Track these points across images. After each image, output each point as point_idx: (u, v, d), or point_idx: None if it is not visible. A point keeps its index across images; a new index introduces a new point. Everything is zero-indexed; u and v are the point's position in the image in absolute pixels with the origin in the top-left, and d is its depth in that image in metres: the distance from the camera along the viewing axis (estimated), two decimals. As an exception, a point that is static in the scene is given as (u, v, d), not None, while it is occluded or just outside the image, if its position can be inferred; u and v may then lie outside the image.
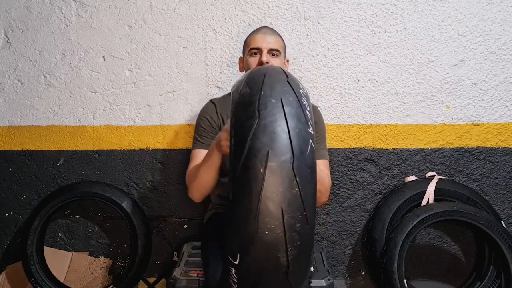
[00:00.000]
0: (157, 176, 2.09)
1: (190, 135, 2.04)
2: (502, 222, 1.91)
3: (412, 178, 2.02)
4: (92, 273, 2.10)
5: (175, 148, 2.07)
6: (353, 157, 2.05)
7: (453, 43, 2.01)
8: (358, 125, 2.04)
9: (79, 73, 2.08)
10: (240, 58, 1.78)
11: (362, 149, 2.05)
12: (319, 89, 2.03)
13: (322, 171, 1.52)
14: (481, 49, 2.01)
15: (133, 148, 2.09)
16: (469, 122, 2.03)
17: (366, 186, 2.07)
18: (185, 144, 2.06)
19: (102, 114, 2.09)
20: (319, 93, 2.03)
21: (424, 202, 1.91)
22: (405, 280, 1.71)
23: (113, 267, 2.14)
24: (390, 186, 2.06)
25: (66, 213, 2.14)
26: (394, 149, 2.05)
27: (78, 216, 2.15)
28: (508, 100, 2.02)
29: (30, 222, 1.97)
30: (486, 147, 2.04)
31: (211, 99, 1.78)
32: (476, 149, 2.04)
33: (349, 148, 2.05)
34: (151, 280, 2.10)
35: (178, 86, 2.06)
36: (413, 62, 2.02)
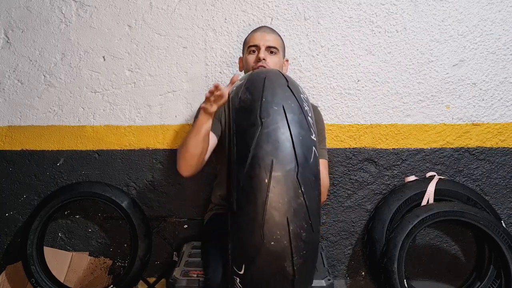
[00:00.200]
0: (157, 176, 2.09)
1: (190, 135, 2.04)
2: (502, 222, 1.91)
3: (412, 178, 2.02)
4: (92, 273, 2.10)
5: (175, 148, 2.07)
6: (353, 157, 2.05)
7: (453, 43, 2.01)
8: (358, 125, 2.04)
9: (79, 73, 2.08)
10: (240, 58, 1.78)
11: (362, 149, 2.05)
12: (319, 89, 2.03)
13: (321, 172, 1.51)
14: (481, 49, 2.01)
15: (133, 148, 2.09)
16: (469, 122, 2.03)
17: (366, 186, 2.06)
18: (185, 144, 2.06)
19: (102, 114, 2.09)
20: (319, 93, 2.03)
21: (424, 202, 1.91)
22: (405, 280, 1.71)
23: (113, 267, 2.14)
24: (390, 186, 2.06)
25: (66, 213, 2.14)
26: (394, 149, 2.05)
27: (78, 216, 2.14)
28: (508, 100, 2.02)
29: (30, 222, 1.97)
30: (486, 147, 2.04)
31: None
32: (476, 149, 2.04)
33: (349, 148, 2.04)
34: (151, 280, 2.10)
35: (178, 86, 2.06)
36: (413, 62, 2.02)
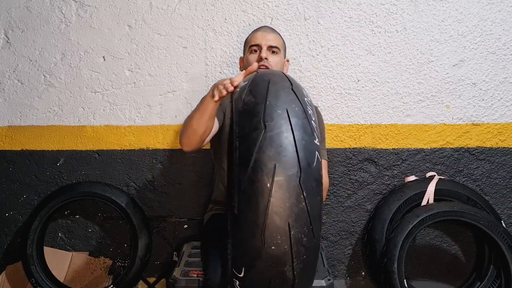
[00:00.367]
0: (157, 176, 2.09)
1: (190, 135, 2.04)
2: (502, 222, 1.91)
3: (412, 178, 2.02)
4: (92, 273, 2.10)
5: (175, 148, 2.07)
6: (353, 157, 2.05)
7: (453, 43, 2.01)
8: (358, 125, 2.04)
9: (79, 73, 2.08)
10: (240, 58, 1.78)
11: (362, 149, 2.05)
12: (319, 89, 2.03)
13: None
14: (481, 49, 2.01)
15: (133, 148, 2.09)
16: (469, 122, 2.03)
17: (366, 186, 2.06)
18: (185, 144, 2.06)
19: (102, 114, 2.09)
20: (319, 93, 2.03)
21: (424, 202, 1.91)
22: (405, 280, 1.71)
23: (113, 267, 2.14)
24: (390, 186, 2.06)
25: (66, 213, 2.14)
26: (394, 149, 2.05)
27: (78, 216, 2.14)
28: (508, 100, 2.02)
29: (30, 222, 1.97)
30: (486, 147, 2.04)
31: None
32: (476, 149, 2.04)
33: (349, 148, 2.04)
34: (151, 280, 2.10)
35: (178, 86, 2.06)
36: (413, 62, 2.02)
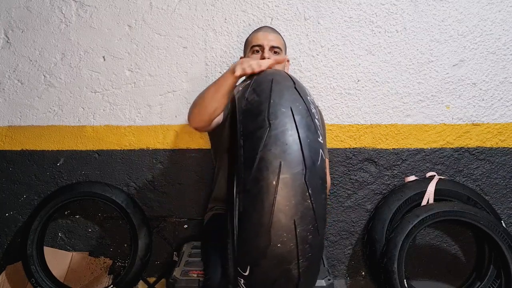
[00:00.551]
0: (157, 176, 2.09)
1: (191, 135, 2.04)
2: (502, 222, 1.91)
3: (412, 178, 2.02)
4: (92, 273, 2.10)
5: (175, 148, 2.07)
6: (353, 157, 2.05)
7: (453, 43, 2.01)
8: (358, 125, 2.04)
9: (79, 73, 2.08)
10: (241, 58, 1.78)
11: (362, 149, 2.05)
12: (319, 89, 2.03)
13: None
14: (481, 49, 2.01)
15: (133, 148, 2.09)
16: (469, 122, 2.03)
17: (366, 186, 2.06)
18: (185, 144, 2.06)
19: (102, 114, 2.09)
20: (319, 93, 2.03)
21: (424, 202, 1.91)
22: (405, 280, 1.71)
23: (113, 267, 2.14)
24: (390, 186, 2.06)
25: (66, 213, 2.14)
26: (394, 149, 2.05)
27: (78, 216, 2.14)
28: (508, 100, 2.02)
29: (30, 222, 1.97)
30: (486, 147, 2.04)
31: None
32: (476, 149, 2.04)
33: (349, 148, 2.04)
34: (151, 280, 2.10)
35: (178, 86, 2.06)
36: (413, 62, 2.02)
